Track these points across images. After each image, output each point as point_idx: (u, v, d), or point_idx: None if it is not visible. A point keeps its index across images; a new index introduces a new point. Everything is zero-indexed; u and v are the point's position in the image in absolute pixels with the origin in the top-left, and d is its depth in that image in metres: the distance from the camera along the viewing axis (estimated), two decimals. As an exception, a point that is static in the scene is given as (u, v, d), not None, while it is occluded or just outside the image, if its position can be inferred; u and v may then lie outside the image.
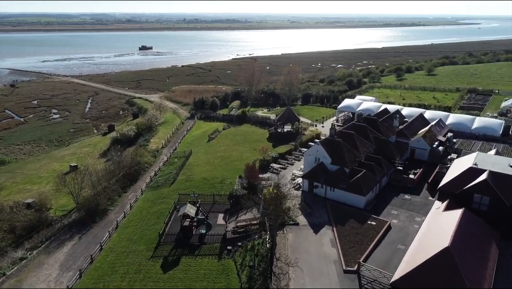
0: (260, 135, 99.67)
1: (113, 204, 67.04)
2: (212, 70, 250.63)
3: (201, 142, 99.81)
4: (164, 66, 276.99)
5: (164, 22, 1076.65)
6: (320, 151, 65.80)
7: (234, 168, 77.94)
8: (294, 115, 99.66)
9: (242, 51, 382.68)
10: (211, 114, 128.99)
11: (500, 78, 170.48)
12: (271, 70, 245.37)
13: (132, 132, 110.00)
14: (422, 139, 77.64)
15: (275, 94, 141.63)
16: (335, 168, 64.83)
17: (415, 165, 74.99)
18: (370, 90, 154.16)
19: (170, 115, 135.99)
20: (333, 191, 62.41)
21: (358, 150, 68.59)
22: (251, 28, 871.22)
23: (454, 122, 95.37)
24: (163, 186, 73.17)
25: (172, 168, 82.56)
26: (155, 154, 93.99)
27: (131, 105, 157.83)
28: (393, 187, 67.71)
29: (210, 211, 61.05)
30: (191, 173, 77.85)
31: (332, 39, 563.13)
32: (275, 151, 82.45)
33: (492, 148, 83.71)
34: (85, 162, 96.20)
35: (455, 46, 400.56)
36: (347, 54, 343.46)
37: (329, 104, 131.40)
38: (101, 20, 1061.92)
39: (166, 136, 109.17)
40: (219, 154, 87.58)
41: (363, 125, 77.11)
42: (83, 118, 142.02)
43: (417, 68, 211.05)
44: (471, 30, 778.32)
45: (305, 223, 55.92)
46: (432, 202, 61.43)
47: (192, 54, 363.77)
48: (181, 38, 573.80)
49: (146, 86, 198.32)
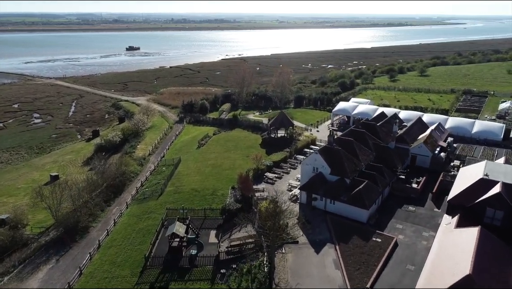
0: (253, 141, 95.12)
1: (95, 220, 61.68)
2: (201, 71, 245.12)
3: (190, 149, 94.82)
4: (151, 67, 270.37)
5: (152, 22, 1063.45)
6: (318, 160, 61.48)
7: (226, 178, 73.27)
8: (288, 119, 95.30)
9: (231, 52, 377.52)
10: (201, 118, 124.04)
11: (493, 79, 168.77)
12: (261, 70, 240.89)
13: (118, 139, 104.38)
14: (424, 146, 73.93)
15: (266, 97, 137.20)
16: (334, 178, 60.60)
17: (416, 172, 71.30)
18: (364, 92, 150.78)
19: (158, 119, 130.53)
20: (333, 203, 58.18)
21: (358, 158, 64.48)
22: (240, 28, 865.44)
23: (454, 126, 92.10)
24: (150, 198, 68.07)
25: (160, 178, 77.47)
26: (142, 162, 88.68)
27: (117, 109, 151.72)
28: (396, 198, 63.81)
29: (201, 227, 56.27)
30: (180, 183, 72.87)
31: (321, 39, 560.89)
32: (269, 158, 77.93)
33: (494, 153, 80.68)
34: (67, 171, 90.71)
35: (443, 46, 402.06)
36: (337, 54, 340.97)
37: (322, 107, 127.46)
38: (88, 20, 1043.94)
39: (154, 142, 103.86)
40: (209, 162, 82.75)
41: (362, 131, 73.09)
42: (66, 123, 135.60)
43: (409, 68, 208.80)
44: (457, 30, 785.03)
45: (305, 241, 51.51)
46: (438, 214, 57.87)
47: (181, 55, 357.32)
48: (169, 39, 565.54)
49: (133, 88, 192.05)
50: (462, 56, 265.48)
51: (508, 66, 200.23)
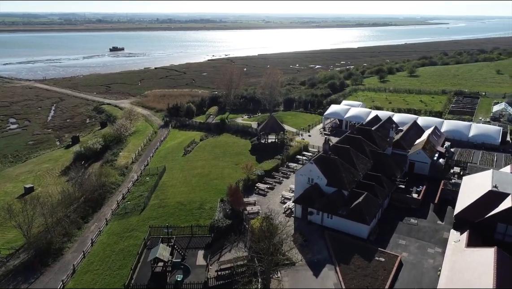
0: (242, 147, 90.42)
1: (71, 239, 56.14)
2: (187, 73, 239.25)
3: (176, 156, 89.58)
4: (136, 69, 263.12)
5: (137, 22, 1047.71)
6: (314, 170, 57.15)
7: (215, 188, 68.47)
8: (278, 124, 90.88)
9: (218, 52, 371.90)
10: (187, 122, 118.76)
11: (483, 80, 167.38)
12: (248, 71, 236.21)
13: (98, 146, 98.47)
14: (422, 152, 70.29)
15: (255, 100, 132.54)
16: (331, 190, 56.37)
17: (415, 180, 67.66)
18: (354, 94, 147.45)
19: (141, 124, 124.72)
20: (331, 218, 53.93)
21: (356, 168, 60.39)
22: (226, 28, 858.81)
23: (450, 130, 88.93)
24: (132, 213, 62.78)
25: (143, 189, 72.18)
26: (124, 171, 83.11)
27: (99, 113, 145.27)
28: (396, 209, 59.95)
29: (188, 247, 51.37)
30: (165, 195, 67.73)
31: (307, 39, 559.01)
32: (260, 167, 73.28)
33: (494, 158, 77.63)
34: (43, 182, 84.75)
35: (428, 46, 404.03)
36: (324, 54, 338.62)
37: (313, 109, 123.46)
38: (70, 20, 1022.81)
39: (137, 149, 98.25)
40: (196, 171, 77.73)
41: (358, 137, 69.06)
42: (44, 128, 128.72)
43: (398, 69, 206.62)
44: (441, 30, 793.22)
45: (302, 262, 47.02)
46: (442, 227, 54.19)
47: (166, 55, 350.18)
48: (155, 39, 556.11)
49: (116, 91, 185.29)
50: (449, 57, 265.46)
51: (496, 66, 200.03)
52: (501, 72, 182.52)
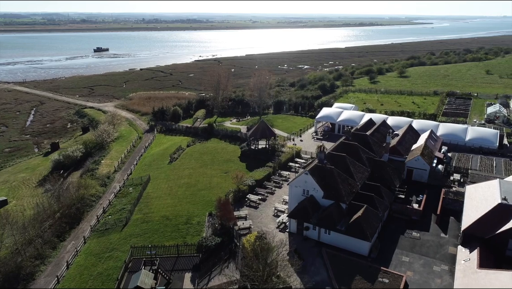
0: (231, 153, 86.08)
1: (44, 261, 51.04)
2: (173, 74, 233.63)
3: (161, 164, 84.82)
4: (121, 70, 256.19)
5: (122, 22, 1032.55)
6: (309, 182, 53.16)
7: (203, 200, 64.09)
8: (269, 129, 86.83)
9: (205, 52, 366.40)
10: (173, 127, 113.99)
11: (473, 80, 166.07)
12: (236, 72, 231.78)
13: (79, 153, 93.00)
14: (421, 158, 66.94)
15: (244, 102, 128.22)
16: (328, 202, 52.48)
17: (414, 188, 64.37)
18: (345, 95, 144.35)
19: (125, 129, 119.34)
20: (329, 234, 50.00)
21: (354, 177, 56.61)
22: (213, 28, 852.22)
23: (446, 134, 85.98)
24: (112, 229, 57.93)
25: (126, 202, 67.33)
26: (105, 181, 77.96)
27: (81, 117, 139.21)
28: (396, 221, 56.39)
29: (174, 270, 46.88)
30: (149, 209, 63.01)
31: (295, 39, 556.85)
32: (251, 176, 68.96)
33: (493, 164, 74.82)
34: (18, 194, 79.07)
35: (415, 46, 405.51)
36: (312, 54, 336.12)
37: (304, 112, 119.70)
38: (53, 20, 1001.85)
39: (120, 157, 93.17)
40: (183, 180, 73.15)
41: (354, 144, 65.25)
42: (22, 134, 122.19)
43: (388, 69, 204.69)
44: (425, 30, 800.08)
45: (299, 285, 42.94)
46: (446, 241, 50.79)
47: (152, 56, 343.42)
48: (140, 39, 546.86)
49: (99, 93, 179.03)
50: (437, 56, 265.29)
51: (485, 66, 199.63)
52: (491, 72, 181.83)
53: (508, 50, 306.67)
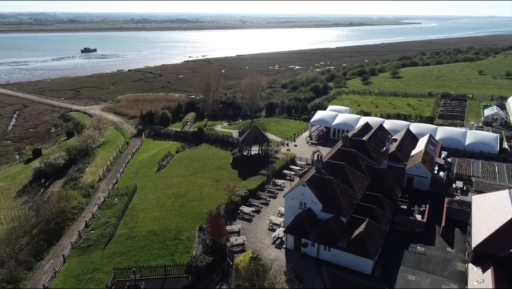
0: (222, 160, 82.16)
1: (18, 285, 46.60)
2: (162, 75, 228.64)
3: (149, 172, 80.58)
4: (108, 71, 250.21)
5: (111, 22, 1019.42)
6: (306, 194, 49.56)
7: (193, 212, 60.15)
8: (262, 134, 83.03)
9: (195, 53, 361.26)
10: (162, 131, 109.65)
11: (466, 81, 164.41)
12: (227, 73, 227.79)
13: (62, 160, 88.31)
14: (422, 165, 63.80)
15: (235, 105, 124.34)
16: (327, 216, 48.93)
17: (415, 197, 61.32)
18: (338, 97, 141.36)
19: (112, 134, 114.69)
20: (329, 250, 46.45)
21: (354, 188, 53.14)
22: (203, 28, 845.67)
23: (445, 138, 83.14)
24: (95, 246, 53.68)
25: (110, 214, 63.05)
26: (89, 191, 73.49)
27: (66, 121, 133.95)
28: (398, 233, 53.07)
29: (161, 293, 42.89)
30: (135, 223, 58.84)
31: (285, 39, 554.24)
32: (244, 186, 65.12)
33: (495, 169, 72.19)
34: (-5, 206, 74.05)
35: (405, 45, 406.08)
36: (303, 55, 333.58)
37: (297, 115, 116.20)
38: (40, 20, 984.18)
39: (106, 164, 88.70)
40: (171, 190, 69.07)
41: (352, 151, 61.80)
42: (3, 140, 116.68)
43: (380, 70, 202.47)
44: (414, 30, 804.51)
45: (299, 311, 39.35)
46: (453, 256, 47.67)
47: (141, 57, 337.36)
48: (129, 39, 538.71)
49: (86, 96, 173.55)
50: (429, 57, 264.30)
51: (477, 67, 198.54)
52: (484, 73, 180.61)
53: (498, 50, 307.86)
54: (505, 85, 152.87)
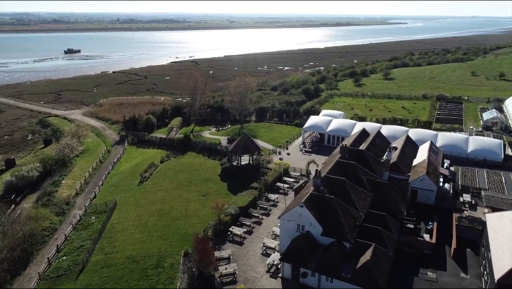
0: (210, 170, 76.26)
1: (-27, 329, 40.31)
2: (148, 77, 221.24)
3: (130, 185, 74.31)
4: (92, 73, 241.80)
5: (96, 22, 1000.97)
6: (305, 215, 44.10)
7: (177, 234, 54.28)
8: (253, 143, 77.23)
9: (182, 53, 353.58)
10: (146, 138, 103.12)
11: (460, 82, 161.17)
12: (215, 74, 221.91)
13: (35, 173, 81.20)
14: (427, 178, 58.97)
15: (224, 109, 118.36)
16: (328, 240, 43.55)
17: (418, 211, 56.54)
18: (331, 100, 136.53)
19: (93, 141, 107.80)
20: (331, 281, 41.08)
21: (356, 207, 47.83)
22: (190, 28, 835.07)
23: (446, 145, 78.59)
24: (66, 277, 47.42)
25: (85, 236, 56.78)
26: (63, 208, 66.85)
27: (45, 127, 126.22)
28: (405, 257, 47.93)
29: (139, 338, 36.95)
30: (112, 247, 52.67)
31: (273, 39, 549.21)
32: (234, 202, 59.37)
33: (502, 179, 67.72)
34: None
35: (393, 45, 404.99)
36: (292, 55, 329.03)
37: (289, 120, 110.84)
38: (23, 20, 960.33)
39: (84, 176, 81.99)
40: (155, 207, 63.03)
41: (352, 163, 56.49)
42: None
43: (371, 71, 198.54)
44: (400, 30, 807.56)
45: None
46: (469, 283, 42.78)
47: (126, 58, 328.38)
48: (115, 40, 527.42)
49: (67, 99, 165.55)
50: (419, 57, 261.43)
51: (469, 68, 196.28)
52: (476, 73, 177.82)
53: (486, 50, 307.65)
54: (499, 86, 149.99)
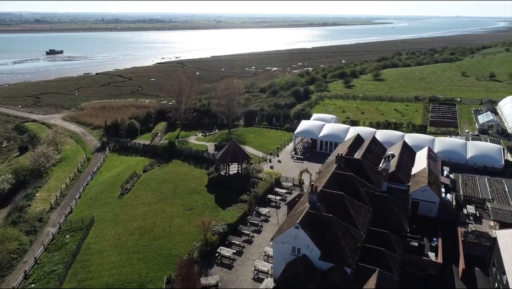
0: (197, 180, 71.30)
1: None
2: (132, 78, 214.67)
3: (110, 198, 68.88)
4: (74, 75, 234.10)
5: (80, 22, 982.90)
6: (300, 237, 39.65)
7: (160, 255, 49.33)
8: (242, 151, 72.46)
9: (168, 54, 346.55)
10: (128, 144, 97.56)
11: (451, 83, 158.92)
12: (201, 76, 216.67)
13: (7, 185, 75.29)
14: (429, 188, 55.09)
15: (210, 113, 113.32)
16: (327, 265, 39.19)
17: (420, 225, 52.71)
18: (321, 102, 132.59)
19: (72, 148, 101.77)
20: (332, 313, 36.68)
21: (356, 225, 43.55)
22: (176, 28, 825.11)
23: (444, 150, 75.05)
24: (33, 310, 42.11)
25: (58, 258, 51.39)
26: (35, 226, 61.08)
27: (21, 133, 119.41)
28: (410, 278, 43.85)
29: None
30: (87, 273, 47.40)
31: (260, 39, 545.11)
32: (222, 218, 54.53)
33: (505, 188, 64.29)
34: None
35: (380, 45, 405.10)
36: (280, 55, 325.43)
37: (279, 124, 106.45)
38: (4, 20, 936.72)
39: (61, 187, 76.13)
40: (135, 224, 57.87)
41: (349, 175, 52.18)
42: None
43: (361, 71, 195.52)
44: (386, 29, 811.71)
45: None
46: (481, 309, 38.75)
47: (111, 59, 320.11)
48: (99, 40, 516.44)
49: (47, 103, 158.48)
50: (408, 57, 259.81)
51: (459, 68, 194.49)
52: (466, 74, 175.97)
53: (473, 50, 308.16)
54: (491, 87, 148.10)
